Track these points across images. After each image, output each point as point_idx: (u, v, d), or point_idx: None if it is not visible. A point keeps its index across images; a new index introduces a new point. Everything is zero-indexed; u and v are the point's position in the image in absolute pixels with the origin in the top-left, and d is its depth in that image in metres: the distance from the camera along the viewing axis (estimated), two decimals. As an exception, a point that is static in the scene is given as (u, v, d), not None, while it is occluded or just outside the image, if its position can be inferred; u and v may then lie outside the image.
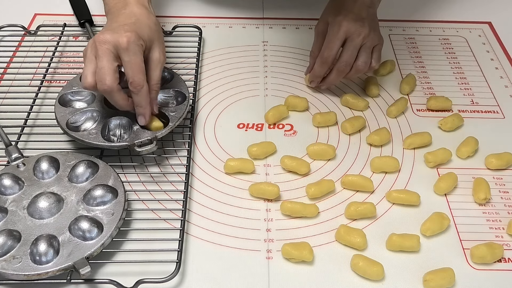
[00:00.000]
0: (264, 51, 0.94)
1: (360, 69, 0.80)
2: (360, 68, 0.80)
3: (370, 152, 0.78)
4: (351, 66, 0.80)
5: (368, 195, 0.72)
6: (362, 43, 0.79)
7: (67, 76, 0.85)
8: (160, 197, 0.70)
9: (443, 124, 0.80)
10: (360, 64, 0.80)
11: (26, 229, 0.62)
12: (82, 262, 0.59)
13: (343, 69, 0.80)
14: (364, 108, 0.84)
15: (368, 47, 0.80)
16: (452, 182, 0.72)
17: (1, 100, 0.82)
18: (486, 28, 1.02)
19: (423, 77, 0.90)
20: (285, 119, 0.82)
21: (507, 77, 0.91)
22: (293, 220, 0.69)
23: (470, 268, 0.65)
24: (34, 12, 1.01)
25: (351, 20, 0.78)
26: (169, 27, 0.96)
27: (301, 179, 0.74)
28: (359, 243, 0.65)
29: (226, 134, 0.80)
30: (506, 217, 0.70)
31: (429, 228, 0.67)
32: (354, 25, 0.78)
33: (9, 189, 0.66)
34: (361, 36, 0.78)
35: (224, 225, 0.68)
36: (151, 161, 0.75)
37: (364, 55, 0.80)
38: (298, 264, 0.64)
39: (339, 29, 0.78)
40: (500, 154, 0.76)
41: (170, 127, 0.73)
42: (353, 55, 0.79)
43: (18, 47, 0.92)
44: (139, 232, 0.66)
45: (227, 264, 0.64)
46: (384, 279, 0.63)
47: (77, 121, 0.74)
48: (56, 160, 0.69)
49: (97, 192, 0.66)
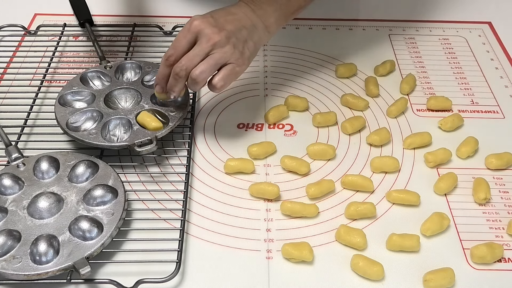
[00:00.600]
0: (264, 51, 0.94)
1: (193, 77, 0.68)
2: (193, 76, 0.68)
3: (370, 152, 0.78)
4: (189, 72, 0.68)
5: (368, 195, 0.72)
6: (211, 51, 0.68)
7: (67, 76, 0.85)
8: (160, 197, 0.70)
9: (443, 124, 0.80)
10: (194, 71, 0.67)
11: (26, 229, 0.62)
12: (82, 262, 0.59)
13: (178, 71, 0.68)
14: (364, 108, 0.84)
15: (215, 58, 0.68)
16: (452, 182, 0.72)
17: (1, 100, 0.82)
18: (486, 28, 1.02)
19: (423, 77, 0.90)
20: (285, 119, 0.82)
21: (507, 77, 0.91)
22: (293, 220, 0.69)
23: (470, 268, 0.65)
24: (34, 12, 1.01)
25: (207, 23, 0.68)
26: (169, 27, 0.96)
27: (301, 179, 0.74)
28: (359, 243, 0.65)
29: (226, 134, 0.80)
30: (506, 217, 0.70)
31: (429, 228, 0.67)
32: (208, 29, 0.68)
33: (9, 189, 0.66)
34: (210, 42, 0.67)
35: (224, 225, 0.68)
36: (151, 161, 0.75)
37: (204, 64, 0.67)
38: (298, 264, 0.64)
39: (190, 27, 0.69)
40: (500, 154, 0.76)
41: (170, 127, 0.73)
42: (193, 60, 0.68)
43: (18, 47, 0.92)
44: (139, 232, 0.66)
45: (227, 264, 0.64)
46: (384, 279, 0.63)
47: (77, 121, 0.74)
48: (56, 160, 0.69)
49: (97, 192, 0.66)
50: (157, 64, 0.83)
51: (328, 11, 1.03)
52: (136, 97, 0.78)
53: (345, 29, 1.00)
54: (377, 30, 1.00)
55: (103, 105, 0.76)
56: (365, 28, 1.00)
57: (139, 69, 0.83)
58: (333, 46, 0.95)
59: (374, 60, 0.92)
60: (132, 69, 0.83)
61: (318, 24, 1.01)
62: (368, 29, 1.00)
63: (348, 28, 1.00)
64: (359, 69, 0.91)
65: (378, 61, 0.91)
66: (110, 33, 0.95)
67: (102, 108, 0.75)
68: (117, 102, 0.78)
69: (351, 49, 0.95)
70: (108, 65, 0.82)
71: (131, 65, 0.83)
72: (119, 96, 0.79)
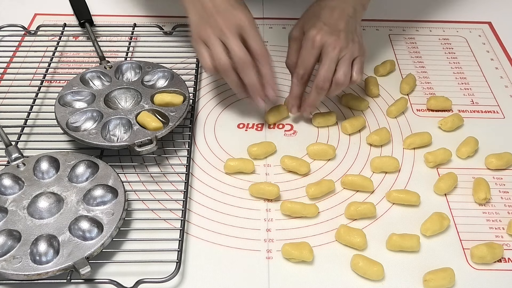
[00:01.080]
0: (264, 51, 0.94)
1: (340, 82, 0.74)
2: (340, 81, 0.74)
3: (370, 152, 0.78)
4: (331, 81, 0.74)
5: (368, 195, 0.72)
6: (340, 56, 0.74)
7: (67, 76, 0.85)
8: (160, 197, 0.70)
9: (443, 124, 0.80)
10: (339, 76, 0.74)
11: (26, 229, 0.62)
12: (82, 262, 0.59)
13: (322, 85, 0.74)
14: (364, 108, 0.84)
15: (347, 59, 0.74)
16: (452, 182, 0.72)
17: (1, 100, 0.82)
18: (486, 28, 1.02)
19: (423, 77, 0.90)
20: (285, 119, 0.82)
21: (507, 77, 0.91)
22: (293, 220, 0.69)
23: (470, 268, 0.65)
24: (34, 12, 1.01)
25: (325, 33, 0.74)
26: (169, 27, 0.96)
27: (301, 179, 0.74)
28: (359, 243, 0.65)
29: (226, 134, 0.80)
30: (506, 217, 0.70)
31: (429, 228, 0.67)
32: (330, 38, 0.73)
33: (9, 189, 0.66)
34: (336, 49, 0.73)
35: (224, 225, 0.68)
36: (151, 161, 0.75)
37: (343, 67, 0.74)
38: (298, 264, 0.64)
39: (313, 44, 0.74)
40: (500, 154, 0.76)
41: (170, 127, 0.73)
42: (330, 69, 0.74)
43: (18, 47, 0.92)
44: (139, 232, 0.66)
45: (227, 264, 0.64)
46: (384, 279, 0.63)
47: (77, 121, 0.74)
48: (56, 160, 0.70)
49: (97, 192, 0.66)
50: (158, 64, 0.83)
51: (328, 11, 1.03)
52: (136, 97, 0.78)
53: (345, 29, 1.00)
54: (377, 30, 1.00)
55: (103, 105, 0.76)
56: (365, 28, 1.00)
57: (139, 69, 0.83)
58: (333, 46, 0.95)
59: (374, 60, 0.92)
60: (132, 69, 0.83)
61: (318, 24, 1.00)
62: (368, 29, 1.00)
63: (348, 28, 1.00)
64: (359, 69, 0.91)
65: (378, 61, 0.91)
66: (110, 33, 0.95)
67: (102, 108, 0.75)
68: (117, 102, 0.78)
69: (351, 49, 0.95)
70: (108, 65, 0.82)
71: (131, 65, 0.83)
72: (119, 96, 0.79)
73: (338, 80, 0.74)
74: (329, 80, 0.74)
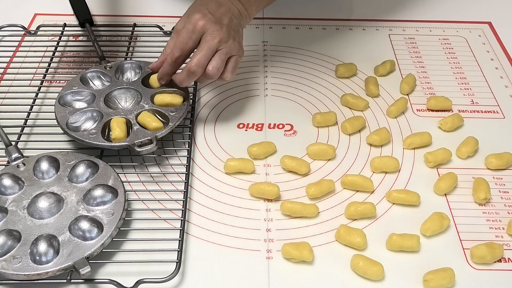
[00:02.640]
0: (264, 51, 0.94)
1: (210, 74, 0.72)
2: (209, 73, 0.72)
3: (370, 152, 0.78)
4: (204, 69, 0.72)
5: (368, 195, 0.72)
6: (218, 47, 0.72)
7: (67, 76, 0.85)
8: (160, 197, 0.70)
9: (443, 124, 0.80)
10: (210, 69, 0.72)
11: (26, 229, 0.62)
12: (82, 262, 0.59)
13: (195, 69, 0.72)
14: (364, 108, 0.84)
15: (224, 53, 0.72)
16: (452, 182, 0.72)
17: (1, 100, 0.82)
18: (486, 28, 1.02)
19: (423, 77, 0.90)
20: (285, 119, 0.82)
21: (507, 77, 0.91)
22: (293, 220, 0.69)
23: (470, 268, 0.65)
24: (34, 12, 1.01)
25: (209, 21, 0.72)
26: (169, 27, 0.96)
27: (301, 179, 0.74)
28: (359, 243, 0.65)
29: (226, 134, 0.80)
30: (506, 217, 0.70)
31: (429, 228, 0.67)
32: (212, 27, 0.72)
33: (9, 189, 0.66)
34: (216, 39, 0.71)
35: (224, 225, 0.68)
36: (151, 161, 0.75)
37: (218, 60, 0.72)
38: (298, 264, 0.64)
39: (194, 27, 0.72)
40: (500, 154, 0.76)
41: (170, 127, 0.73)
42: (206, 56, 0.71)
43: (18, 47, 0.92)
44: (139, 232, 0.66)
45: (227, 264, 0.64)
46: (384, 279, 0.63)
47: (77, 121, 0.74)
48: (56, 160, 0.70)
49: (97, 192, 0.66)
50: (157, 64, 0.83)
51: (328, 11, 1.04)
52: (136, 97, 0.78)
53: (345, 29, 1.00)
54: (377, 30, 1.00)
55: (103, 105, 0.76)
56: (365, 28, 1.00)
57: (139, 69, 0.82)
58: (333, 46, 0.95)
59: (374, 60, 0.92)
60: (132, 69, 0.83)
61: (318, 24, 1.01)
62: (368, 29, 1.00)
63: (348, 28, 1.00)
64: (359, 69, 0.91)
65: (378, 61, 0.91)
66: (110, 33, 0.95)
67: (102, 108, 0.75)
68: (117, 102, 0.78)
69: (351, 49, 0.95)
70: (108, 65, 0.82)
71: (131, 65, 0.83)
72: (119, 96, 0.79)
73: (208, 72, 0.72)
74: (202, 67, 0.72)
